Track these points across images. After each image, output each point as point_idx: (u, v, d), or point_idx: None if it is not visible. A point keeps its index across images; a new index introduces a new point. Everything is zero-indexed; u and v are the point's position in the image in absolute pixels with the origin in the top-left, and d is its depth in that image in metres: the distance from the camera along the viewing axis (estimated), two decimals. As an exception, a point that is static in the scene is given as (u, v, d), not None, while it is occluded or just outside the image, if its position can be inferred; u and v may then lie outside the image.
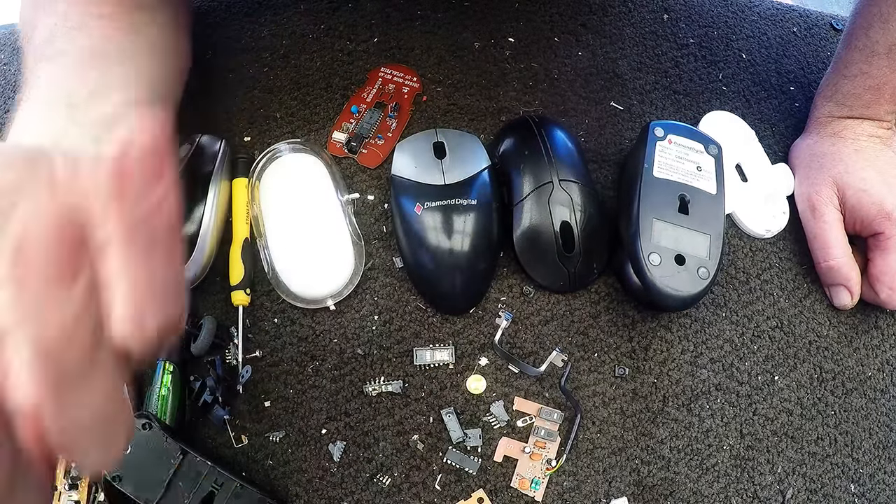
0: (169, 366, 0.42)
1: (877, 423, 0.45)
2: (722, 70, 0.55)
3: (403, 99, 0.51)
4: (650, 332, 0.45)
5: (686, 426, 0.43)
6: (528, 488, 0.41)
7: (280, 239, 0.44)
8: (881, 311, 0.47)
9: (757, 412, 0.44)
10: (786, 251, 0.49)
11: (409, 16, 0.55)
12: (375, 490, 0.41)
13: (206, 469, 0.37)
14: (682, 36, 0.57)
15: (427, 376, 0.43)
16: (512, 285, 0.46)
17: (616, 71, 0.54)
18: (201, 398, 0.41)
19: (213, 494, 0.37)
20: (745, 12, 0.59)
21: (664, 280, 0.39)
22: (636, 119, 0.52)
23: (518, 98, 0.52)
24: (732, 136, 0.51)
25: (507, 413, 0.42)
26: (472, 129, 0.50)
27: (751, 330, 0.46)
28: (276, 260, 0.44)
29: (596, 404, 0.43)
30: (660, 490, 0.41)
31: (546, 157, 0.44)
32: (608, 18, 0.57)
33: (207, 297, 0.45)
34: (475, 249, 0.42)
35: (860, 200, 0.45)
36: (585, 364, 0.44)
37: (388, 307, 0.45)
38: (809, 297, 0.47)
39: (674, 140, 0.44)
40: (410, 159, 0.45)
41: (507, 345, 0.44)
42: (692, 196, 0.42)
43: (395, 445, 0.42)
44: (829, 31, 0.59)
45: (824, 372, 0.45)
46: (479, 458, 0.41)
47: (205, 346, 0.42)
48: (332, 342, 0.44)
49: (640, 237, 0.40)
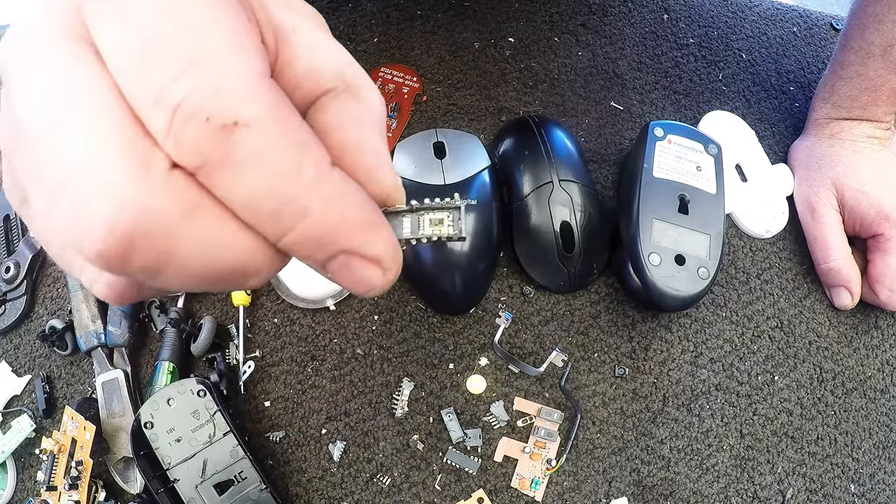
0: (169, 366, 0.42)
1: (877, 423, 0.45)
2: (722, 70, 0.55)
3: (403, 99, 0.51)
4: (650, 332, 0.45)
5: (686, 426, 0.43)
6: (528, 488, 0.41)
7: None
8: (881, 311, 0.47)
9: (757, 412, 0.44)
10: (786, 251, 0.49)
11: (409, 16, 0.55)
12: (375, 490, 0.41)
13: (238, 457, 0.37)
14: (682, 36, 0.57)
15: (427, 376, 0.43)
16: (512, 285, 0.46)
17: (616, 71, 0.54)
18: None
19: (231, 484, 0.37)
20: (745, 12, 0.59)
21: (664, 280, 0.39)
22: (636, 119, 0.52)
23: (518, 98, 0.52)
24: (732, 136, 0.51)
25: (507, 413, 0.42)
26: (472, 129, 0.50)
27: (751, 330, 0.46)
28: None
29: (596, 404, 0.43)
30: (660, 490, 0.41)
31: (546, 157, 0.44)
32: (608, 18, 0.57)
33: (207, 297, 0.45)
34: (475, 249, 0.42)
35: (859, 202, 0.45)
36: (585, 364, 0.44)
37: (388, 307, 0.45)
38: (809, 297, 0.47)
39: (673, 140, 0.44)
40: (410, 159, 0.45)
41: (507, 345, 0.44)
42: (692, 196, 0.42)
43: (395, 445, 0.42)
44: (829, 31, 0.59)
45: (824, 372, 0.45)
46: (479, 458, 0.41)
47: (205, 346, 0.42)
48: (332, 342, 0.44)
49: (640, 237, 0.40)
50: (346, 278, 0.16)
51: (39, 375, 0.45)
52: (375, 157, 0.17)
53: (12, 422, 0.42)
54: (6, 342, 0.47)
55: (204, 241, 0.14)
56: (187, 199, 0.13)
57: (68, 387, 0.44)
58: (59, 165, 0.13)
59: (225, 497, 0.37)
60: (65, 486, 0.39)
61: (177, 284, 0.15)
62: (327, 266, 0.16)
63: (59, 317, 0.45)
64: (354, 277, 0.16)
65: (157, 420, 0.37)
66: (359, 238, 0.15)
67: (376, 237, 0.15)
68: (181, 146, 0.13)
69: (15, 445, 0.41)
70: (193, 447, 0.37)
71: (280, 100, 0.14)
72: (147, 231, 0.13)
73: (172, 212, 0.13)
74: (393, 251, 0.16)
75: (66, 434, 0.40)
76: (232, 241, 0.14)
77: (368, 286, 0.16)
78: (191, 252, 0.14)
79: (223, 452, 0.37)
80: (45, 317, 0.46)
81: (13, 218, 0.49)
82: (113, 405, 0.42)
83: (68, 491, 0.39)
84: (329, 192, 0.14)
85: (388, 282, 0.16)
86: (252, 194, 0.14)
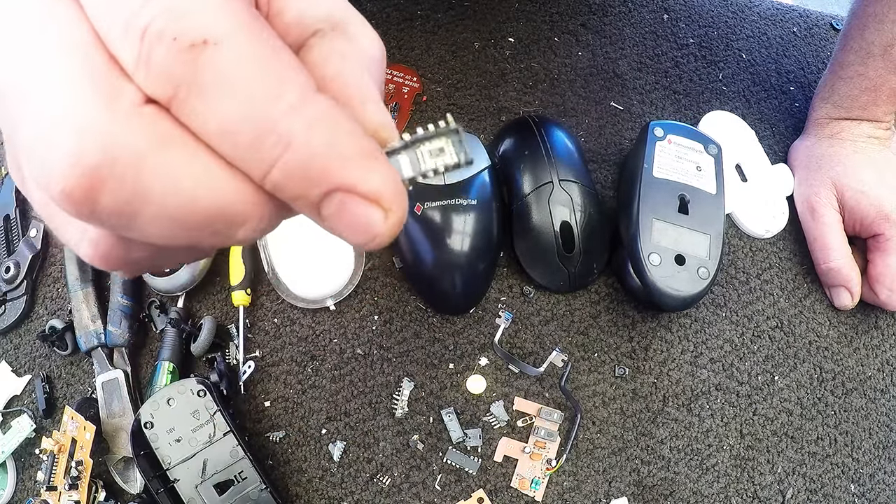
0: (169, 366, 0.42)
1: (877, 423, 0.45)
2: (722, 70, 0.55)
3: (403, 99, 0.51)
4: (650, 332, 0.45)
5: (686, 426, 0.43)
6: (528, 488, 0.41)
7: (280, 239, 0.44)
8: (881, 311, 0.47)
9: (757, 412, 0.44)
10: (786, 251, 0.49)
11: (409, 16, 0.55)
12: (375, 490, 0.41)
13: (238, 457, 0.37)
14: (682, 36, 0.57)
15: (427, 376, 0.43)
16: (512, 285, 0.46)
17: (616, 71, 0.54)
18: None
19: (231, 484, 0.37)
20: (745, 12, 0.59)
21: (664, 280, 0.39)
22: (636, 119, 0.52)
23: (518, 98, 0.52)
24: (732, 136, 0.51)
25: (507, 413, 0.42)
26: (472, 129, 0.50)
27: (751, 330, 0.46)
28: (276, 260, 0.44)
29: (596, 404, 0.43)
30: (660, 490, 0.41)
31: (546, 157, 0.44)
32: (608, 18, 0.57)
33: (207, 297, 0.45)
34: (475, 249, 0.42)
35: (859, 202, 0.45)
36: (585, 364, 0.44)
37: (388, 307, 0.45)
38: (809, 297, 0.47)
39: (673, 140, 0.44)
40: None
41: (507, 345, 0.44)
42: (692, 196, 0.42)
43: (395, 445, 0.42)
44: (829, 31, 0.59)
45: (824, 372, 0.45)
46: (479, 458, 0.41)
47: (205, 346, 0.42)
48: (332, 342, 0.44)
49: (640, 237, 0.40)
50: (343, 223, 0.14)
51: (39, 375, 0.45)
52: (359, 91, 0.16)
53: (12, 422, 0.42)
54: (6, 342, 0.47)
55: (179, 178, 0.13)
56: (158, 131, 0.13)
57: (68, 387, 0.44)
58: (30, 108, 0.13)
59: (225, 497, 0.37)
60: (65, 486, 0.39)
61: (158, 234, 0.14)
62: (322, 211, 0.14)
63: (59, 317, 0.45)
64: (353, 221, 0.14)
65: (157, 420, 0.37)
66: (353, 170, 0.14)
67: (373, 169, 0.14)
68: (151, 73, 0.12)
69: (15, 445, 0.41)
70: (193, 447, 0.37)
71: (254, 18, 0.13)
72: (113, 163, 0.12)
73: (141, 144, 0.12)
74: (394, 187, 0.14)
75: (66, 434, 0.40)
76: (210, 179, 0.13)
77: (370, 232, 0.14)
78: (165, 191, 0.13)
79: (223, 452, 0.37)
80: (45, 317, 0.46)
81: (13, 218, 0.49)
82: (113, 405, 0.42)
83: (68, 491, 0.39)
84: (314, 117, 0.13)
85: (390, 227, 0.14)
86: (226, 122, 0.13)
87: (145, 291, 0.46)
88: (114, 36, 0.13)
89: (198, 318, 0.45)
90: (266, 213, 0.14)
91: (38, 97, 0.13)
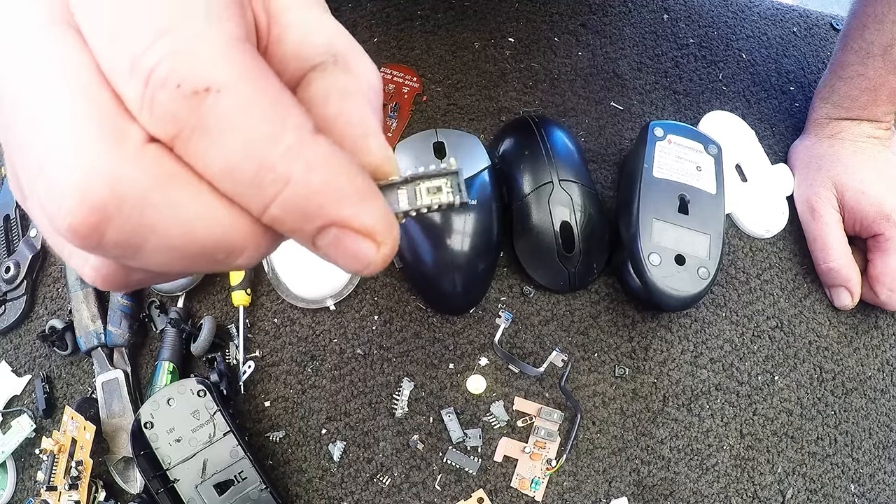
0: (169, 366, 0.42)
1: (877, 423, 0.45)
2: (722, 70, 0.55)
3: (403, 99, 0.51)
4: (650, 332, 0.45)
5: (686, 426, 0.43)
6: (528, 488, 0.41)
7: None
8: (881, 311, 0.47)
9: (757, 412, 0.44)
10: (786, 251, 0.49)
11: (409, 16, 0.55)
12: (375, 490, 0.41)
13: (238, 457, 0.37)
14: (682, 36, 0.57)
15: (427, 376, 0.43)
16: (512, 285, 0.46)
17: (616, 71, 0.54)
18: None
19: (231, 484, 0.37)
20: (745, 12, 0.59)
21: (664, 280, 0.39)
22: (636, 119, 0.52)
23: (518, 98, 0.52)
24: (732, 136, 0.51)
25: (507, 413, 0.42)
26: (472, 129, 0.50)
27: (751, 330, 0.46)
28: (276, 260, 0.44)
29: (596, 404, 0.43)
30: (660, 490, 0.41)
31: (546, 157, 0.44)
32: (608, 18, 0.57)
33: (207, 297, 0.45)
34: (475, 249, 0.42)
35: (859, 202, 0.45)
36: (585, 364, 0.44)
37: (388, 307, 0.45)
38: (809, 297, 0.47)
39: (673, 140, 0.44)
40: (410, 159, 0.45)
41: (507, 345, 0.44)
42: (692, 196, 0.42)
43: (395, 445, 0.42)
44: (829, 31, 0.59)
45: (824, 372, 0.45)
46: (479, 458, 0.41)
47: (205, 346, 0.42)
48: (332, 342, 0.44)
49: (640, 237, 0.40)
50: (338, 254, 0.15)
51: (39, 375, 0.45)
52: (362, 127, 0.16)
53: (12, 422, 0.43)
54: (6, 342, 0.47)
55: (181, 213, 0.13)
56: (161, 170, 0.13)
57: (68, 387, 0.44)
58: (37, 143, 0.13)
59: (225, 497, 0.37)
60: (65, 486, 0.39)
61: (160, 263, 0.14)
62: (317, 242, 0.15)
63: (59, 317, 0.45)
64: (347, 253, 0.15)
65: (157, 420, 0.37)
66: (348, 207, 0.14)
67: (367, 206, 0.15)
68: (154, 115, 0.13)
69: (15, 445, 0.41)
70: (193, 447, 0.37)
71: (256, 64, 0.14)
72: (119, 201, 0.13)
73: (146, 182, 0.13)
74: (386, 222, 0.15)
75: (66, 434, 0.40)
76: (211, 214, 0.14)
77: (362, 262, 0.15)
78: (168, 226, 0.13)
79: (223, 452, 0.37)
80: (45, 317, 0.46)
81: (13, 218, 0.49)
82: (113, 405, 0.42)
83: (68, 491, 0.39)
84: (312, 158, 0.14)
85: (383, 257, 0.15)
86: (228, 162, 0.13)
87: (145, 291, 0.46)
88: (118, 74, 0.13)
89: (198, 318, 0.45)
90: (263, 244, 0.15)
91: (44, 132, 0.13)
